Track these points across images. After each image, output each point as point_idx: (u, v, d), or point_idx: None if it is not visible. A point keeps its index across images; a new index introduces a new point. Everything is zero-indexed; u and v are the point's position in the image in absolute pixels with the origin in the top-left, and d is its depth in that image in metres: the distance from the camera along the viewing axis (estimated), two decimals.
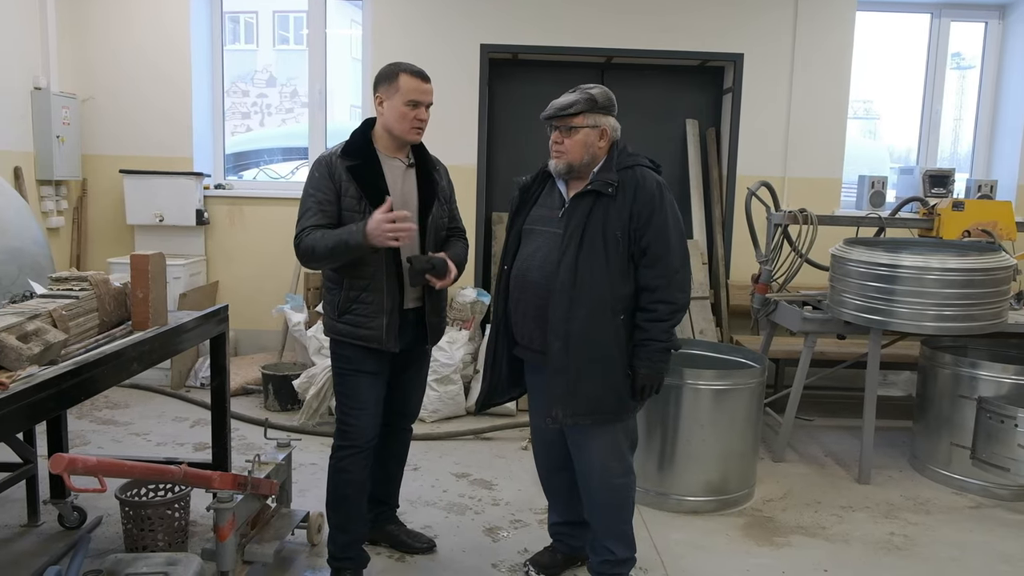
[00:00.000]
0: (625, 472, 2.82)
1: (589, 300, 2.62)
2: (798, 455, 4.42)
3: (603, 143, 2.71)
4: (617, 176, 2.66)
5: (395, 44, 5.45)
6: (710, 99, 5.94)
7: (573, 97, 2.70)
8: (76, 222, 5.61)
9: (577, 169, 2.71)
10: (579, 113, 2.67)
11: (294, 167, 6.61)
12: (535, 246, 2.76)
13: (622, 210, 2.63)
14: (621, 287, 2.65)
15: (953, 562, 3.26)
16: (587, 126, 2.67)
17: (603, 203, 2.65)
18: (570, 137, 2.68)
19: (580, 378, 2.65)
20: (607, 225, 2.63)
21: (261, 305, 5.61)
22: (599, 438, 2.76)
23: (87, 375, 2.30)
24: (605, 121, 2.70)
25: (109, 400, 4.94)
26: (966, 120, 6.32)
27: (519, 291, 2.78)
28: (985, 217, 4.42)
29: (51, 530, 3.23)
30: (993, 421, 3.77)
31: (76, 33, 5.52)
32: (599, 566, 2.88)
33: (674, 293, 2.65)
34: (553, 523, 3.13)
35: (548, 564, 3.07)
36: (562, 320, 2.63)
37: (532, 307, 2.73)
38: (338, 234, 2.64)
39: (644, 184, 2.65)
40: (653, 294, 2.65)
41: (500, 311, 2.87)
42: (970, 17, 5.99)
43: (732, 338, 5.50)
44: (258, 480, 2.83)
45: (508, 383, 2.94)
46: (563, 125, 2.69)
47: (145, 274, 2.77)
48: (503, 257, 2.87)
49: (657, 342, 2.65)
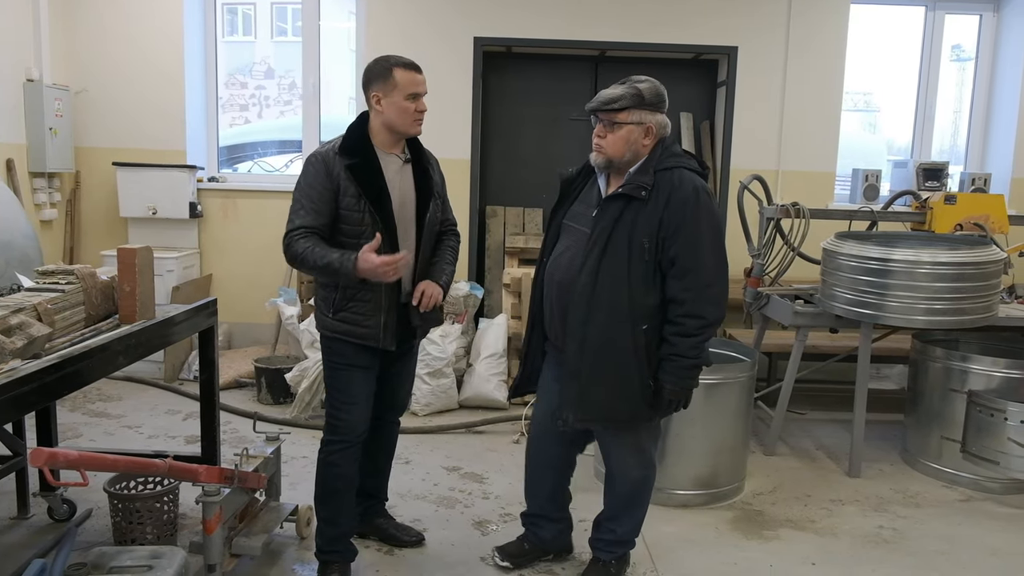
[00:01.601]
0: (645, 465, 2.84)
1: (608, 307, 2.56)
2: (789, 448, 4.43)
3: (648, 141, 2.58)
4: (654, 178, 2.55)
5: (389, 37, 5.44)
6: (704, 92, 5.93)
7: (620, 91, 2.56)
8: (69, 214, 5.61)
9: (617, 165, 2.61)
10: (624, 109, 2.54)
11: (288, 160, 6.61)
12: (566, 245, 2.72)
13: (652, 216, 2.53)
14: (643, 297, 2.56)
15: (942, 555, 3.27)
16: (631, 123, 2.54)
17: (634, 207, 2.55)
18: (613, 132, 2.56)
19: (592, 384, 2.62)
20: (635, 231, 2.54)
21: (254, 298, 5.61)
22: (619, 436, 2.78)
23: (71, 369, 2.30)
24: (652, 119, 2.56)
25: (102, 393, 4.94)
26: (965, 113, 6.31)
27: (549, 288, 2.75)
28: (977, 210, 4.41)
29: (41, 523, 3.23)
30: (983, 415, 3.77)
31: (69, 25, 5.50)
32: (596, 541, 2.95)
33: (704, 307, 2.53)
34: (526, 513, 3.12)
35: (515, 553, 3.06)
36: (579, 325, 2.60)
37: (558, 306, 2.71)
38: (330, 259, 2.60)
39: (679, 189, 2.53)
40: (681, 307, 2.55)
41: (536, 304, 2.84)
42: (965, 10, 5.96)
43: (725, 332, 5.50)
44: (245, 474, 2.83)
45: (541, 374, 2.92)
46: (607, 119, 2.57)
47: (132, 268, 2.77)
48: (542, 250, 2.84)
49: (685, 358, 2.56)
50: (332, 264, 2.60)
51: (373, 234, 2.67)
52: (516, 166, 5.91)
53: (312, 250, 2.63)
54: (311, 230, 2.67)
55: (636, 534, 2.95)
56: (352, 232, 2.69)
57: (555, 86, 5.77)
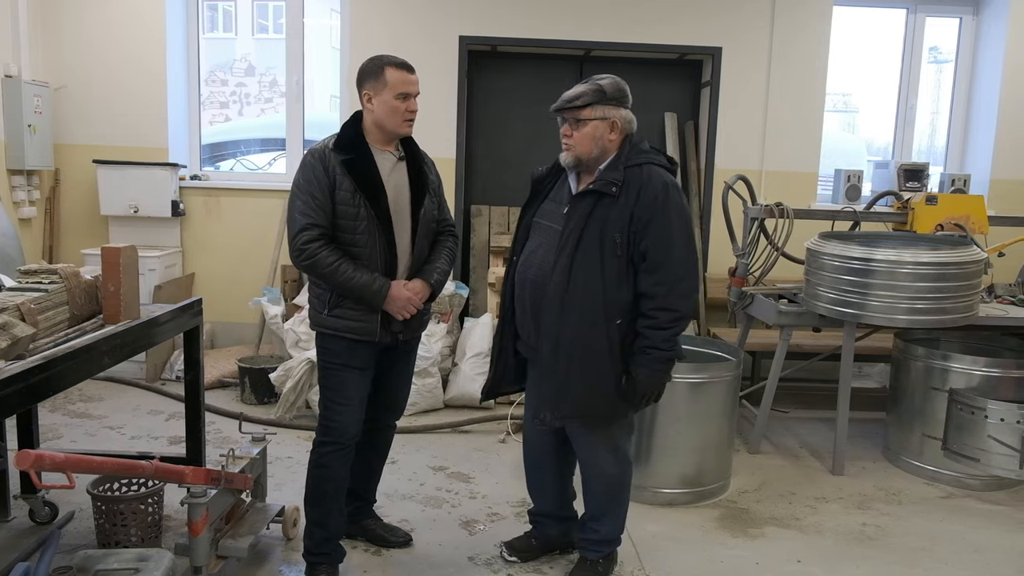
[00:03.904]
0: (620, 462, 2.85)
1: (581, 305, 2.58)
2: (773, 447, 4.46)
3: (614, 136, 2.63)
4: (623, 174, 2.59)
5: (373, 35, 5.42)
6: (688, 92, 5.96)
7: (582, 88, 2.62)
8: (48, 212, 5.54)
9: (586, 162, 2.65)
10: (587, 105, 2.59)
11: (271, 158, 6.55)
12: (537, 243, 2.74)
13: (623, 212, 2.57)
14: (617, 292, 2.59)
15: (924, 552, 3.31)
16: (596, 118, 2.60)
17: (605, 204, 2.58)
18: (578, 130, 2.61)
19: (568, 382, 2.64)
20: (606, 228, 2.57)
21: (238, 297, 5.56)
22: (592, 433, 2.79)
23: (56, 369, 2.27)
24: (616, 113, 2.62)
25: (83, 393, 4.88)
26: (943, 114, 6.38)
27: (520, 287, 2.77)
28: (958, 211, 4.47)
29: (22, 525, 3.19)
30: (964, 413, 3.82)
31: (48, 20, 5.43)
32: (582, 541, 2.96)
33: (675, 301, 2.58)
34: (533, 511, 3.15)
35: (523, 548, 3.09)
36: (553, 324, 2.62)
37: (531, 304, 2.72)
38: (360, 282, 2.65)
39: (649, 184, 2.57)
40: (653, 300, 2.58)
41: (507, 303, 2.85)
42: (945, 12, 6.03)
43: (709, 331, 5.53)
44: (231, 475, 2.81)
45: (514, 374, 2.93)
46: (571, 117, 2.62)
47: (116, 267, 2.74)
48: (512, 248, 2.85)
49: (658, 350, 2.60)
50: (358, 288, 2.65)
51: (368, 229, 2.67)
52: (501, 165, 5.91)
53: (339, 267, 2.64)
54: (324, 231, 2.65)
55: (620, 531, 2.97)
56: (348, 227, 2.69)
57: (540, 86, 5.77)
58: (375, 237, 2.70)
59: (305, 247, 2.64)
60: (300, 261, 2.67)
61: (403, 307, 2.73)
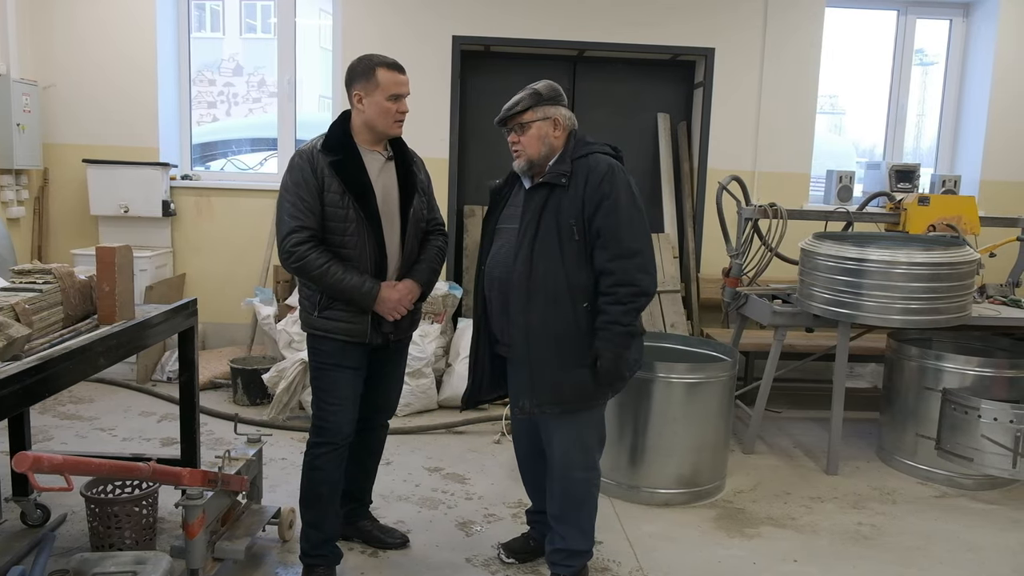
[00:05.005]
0: (587, 467, 2.83)
1: (545, 291, 2.64)
2: (768, 447, 4.47)
3: (559, 133, 2.74)
4: (571, 166, 2.68)
5: (365, 35, 5.40)
6: (681, 93, 5.97)
7: (519, 96, 2.75)
8: (37, 212, 5.48)
9: (537, 163, 2.75)
10: (527, 109, 2.71)
11: (262, 158, 6.52)
12: (500, 244, 2.81)
13: (575, 199, 2.65)
14: (578, 276, 2.66)
15: (919, 551, 3.32)
16: (538, 119, 2.71)
17: (557, 195, 2.67)
18: (524, 134, 2.73)
19: (541, 368, 2.68)
20: (560, 216, 2.65)
21: (230, 298, 5.53)
22: (564, 429, 2.78)
23: (52, 371, 2.24)
24: (555, 111, 2.73)
25: (73, 395, 4.83)
26: (929, 116, 6.42)
27: (490, 289, 2.82)
28: (950, 212, 4.49)
29: (13, 528, 3.15)
30: (957, 412, 3.84)
31: (37, 18, 5.38)
32: (551, 554, 2.91)
33: (634, 275, 2.62)
34: (529, 511, 3.15)
35: (519, 549, 3.09)
36: (521, 311, 2.68)
37: (500, 303, 2.78)
38: (350, 284, 2.65)
39: (595, 169, 2.67)
40: (612, 276, 2.63)
41: (479, 310, 2.89)
42: (935, 15, 6.08)
43: (703, 331, 5.54)
44: (228, 476, 2.79)
45: (492, 381, 2.94)
46: (515, 124, 2.73)
47: (111, 267, 2.71)
48: (479, 258, 2.90)
49: (618, 324, 2.63)
50: (348, 289, 2.65)
51: (358, 230, 2.66)
52: (494, 166, 5.89)
53: (328, 269, 2.63)
54: (313, 233, 2.65)
55: (589, 544, 2.91)
56: (337, 228, 2.68)
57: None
58: (364, 238, 2.70)
59: (294, 249, 2.63)
60: (289, 263, 2.66)
61: (393, 308, 2.74)
